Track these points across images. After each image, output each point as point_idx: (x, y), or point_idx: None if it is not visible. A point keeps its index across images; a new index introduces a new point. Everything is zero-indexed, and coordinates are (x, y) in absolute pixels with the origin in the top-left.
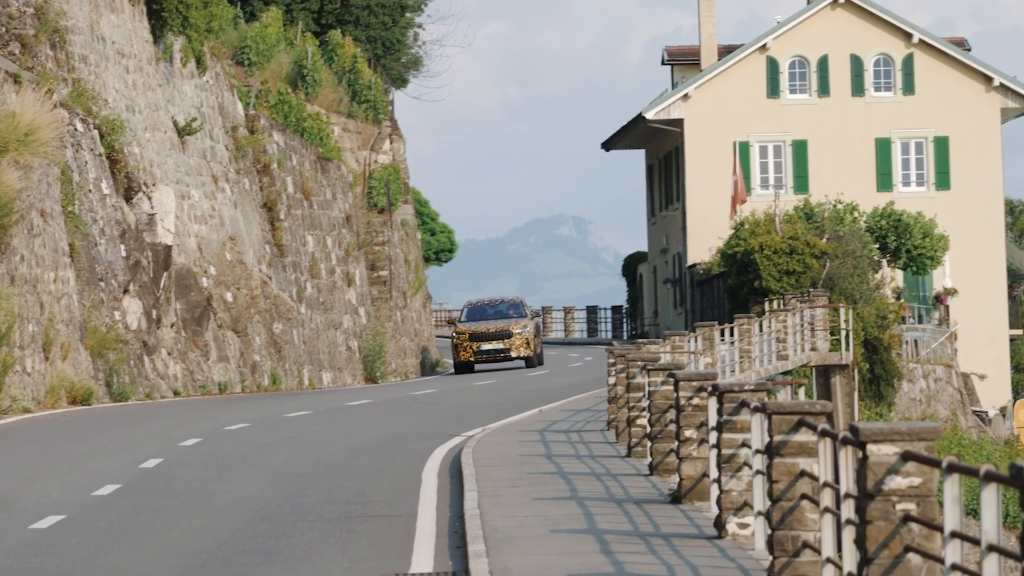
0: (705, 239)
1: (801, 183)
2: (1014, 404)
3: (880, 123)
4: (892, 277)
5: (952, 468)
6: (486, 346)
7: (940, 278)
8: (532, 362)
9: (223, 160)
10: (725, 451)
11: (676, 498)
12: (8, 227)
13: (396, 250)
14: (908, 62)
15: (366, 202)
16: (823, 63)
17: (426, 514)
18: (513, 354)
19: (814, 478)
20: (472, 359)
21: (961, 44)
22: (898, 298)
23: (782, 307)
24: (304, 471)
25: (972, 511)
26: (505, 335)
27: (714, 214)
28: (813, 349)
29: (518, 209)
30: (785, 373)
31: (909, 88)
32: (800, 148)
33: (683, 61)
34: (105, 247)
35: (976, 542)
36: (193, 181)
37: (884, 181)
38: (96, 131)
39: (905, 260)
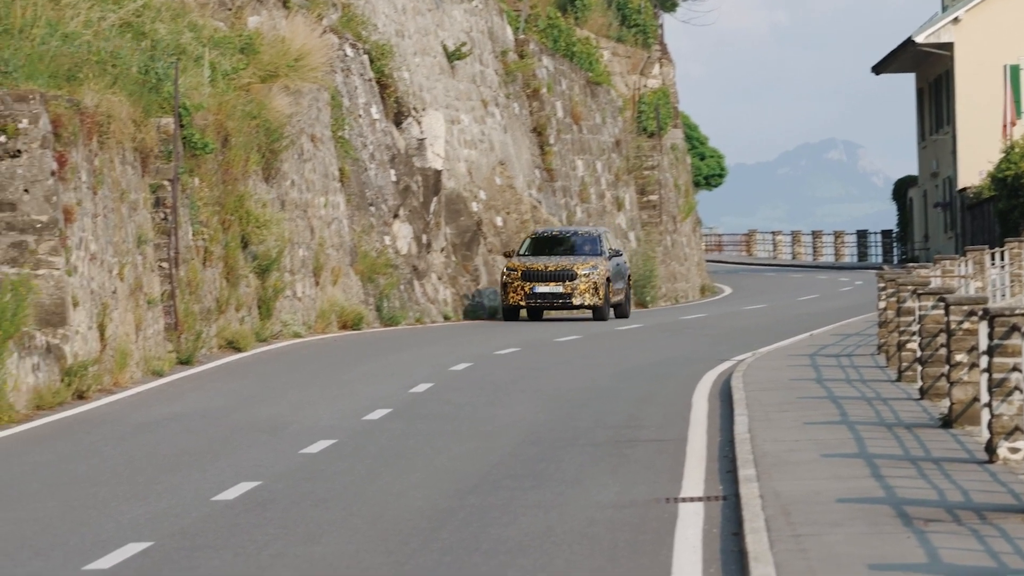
0: (975, 163)
1: None
2: None
3: None
4: None
5: None
6: (541, 288)
7: None
8: (602, 313)
9: (493, 85)
10: (996, 375)
11: (946, 422)
12: (279, 152)
13: (666, 175)
14: None
15: (636, 126)
16: None
17: (696, 438)
18: (575, 301)
19: None
20: (522, 303)
21: None
22: None
23: None
24: (573, 395)
25: None
26: (566, 276)
27: (985, 138)
28: None
29: (788, 133)
30: None
31: None
32: None
33: None
34: (375, 172)
35: None
36: (463, 106)
37: None
38: (366, 56)
39: None
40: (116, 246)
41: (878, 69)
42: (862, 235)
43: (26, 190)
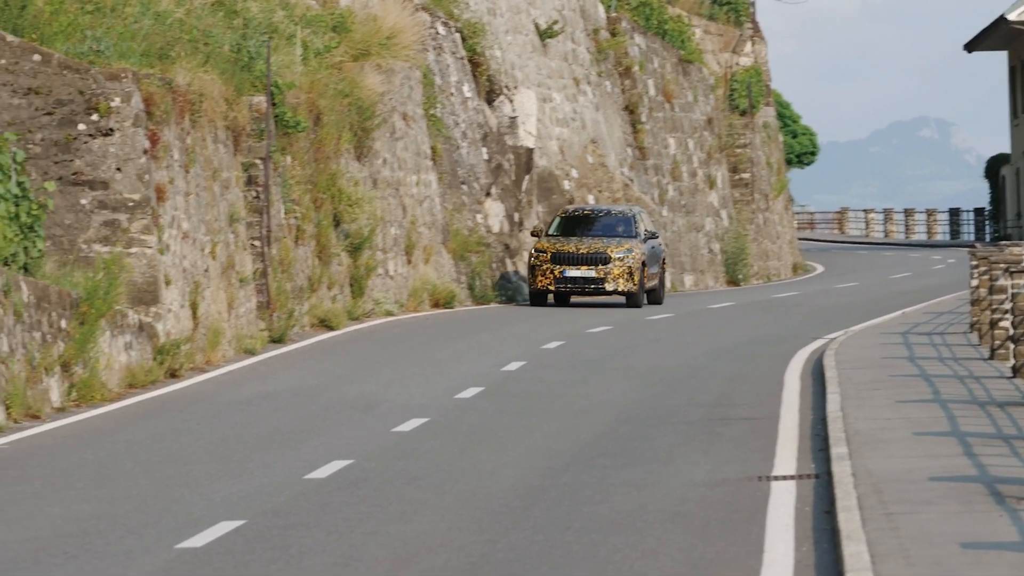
0: None
1: None
2: None
3: None
4: None
5: None
6: (572, 272)
7: None
8: (636, 300)
9: (584, 63)
10: None
11: None
12: (371, 130)
13: (758, 152)
14: None
15: (727, 104)
16: None
17: (788, 417)
18: (608, 286)
19: None
20: (550, 288)
21: None
22: None
23: None
24: (666, 373)
25: None
26: (599, 259)
27: None
28: None
29: (880, 111)
30: None
31: None
32: None
33: None
34: (467, 150)
35: None
36: (554, 84)
37: None
38: (458, 34)
39: None
40: (208, 224)
41: (970, 47)
42: (954, 213)
43: (118, 169)
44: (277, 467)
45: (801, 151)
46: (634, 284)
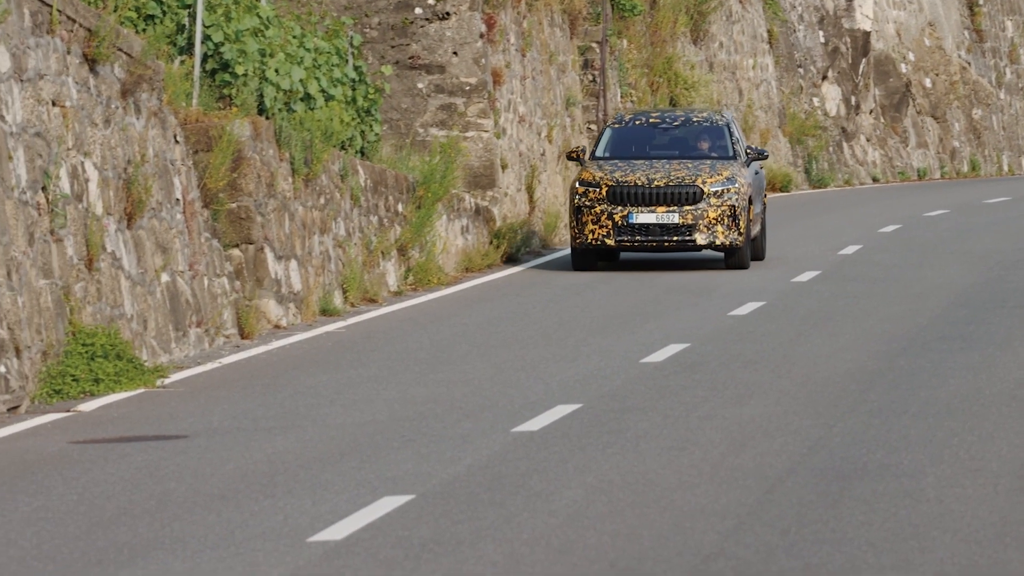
0: None
1: None
2: None
3: None
4: None
5: None
6: (642, 216)
7: None
8: (740, 258)
9: None
10: None
11: None
12: (707, 14)
13: None
14: None
15: None
16: None
17: None
18: (700, 238)
19: None
20: (607, 241)
21: None
22: None
23: None
24: (1003, 258)
25: None
26: (685, 195)
27: None
28: None
29: None
30: None
31: None
32: None
33: None
34: (804, 33)
35: None
36: None
37: None
38: None
39: None
40: (544, 108)
41: None
42: None
43: (455, 52)
44: (613, 351)
45: None
46: (739, 233)
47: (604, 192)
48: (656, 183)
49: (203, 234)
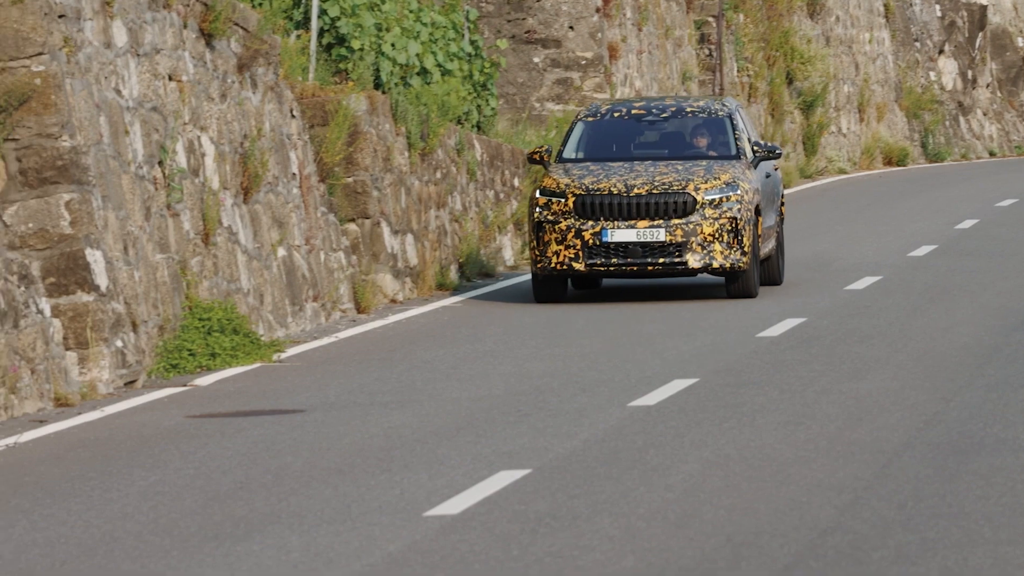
0: None
1: None
2: None
3: None
4: None
5: None
6: (619, 234)
7: None
8: (745, 284)
9: None
10: None
11: None
12: None
13: None
14: None
15: None
16: None
17: None
18: (691, 260)
19: None
20: (575, 265)
21: None
22: None
23: None
24: None
25: None
26: (672, 205)
27: None
28: None
29: None
30: None
31: None
32: None
33: None
34: (920, 7)
35: None
36: None
37: None
38: None
39: None
40: (661, 82)
41: None
42: None
43: (571, 27)
44: (730, 325)
45: None
46: (742, 252)
47: (571, 203)
48: (636, 191)
49: (319, 208)
